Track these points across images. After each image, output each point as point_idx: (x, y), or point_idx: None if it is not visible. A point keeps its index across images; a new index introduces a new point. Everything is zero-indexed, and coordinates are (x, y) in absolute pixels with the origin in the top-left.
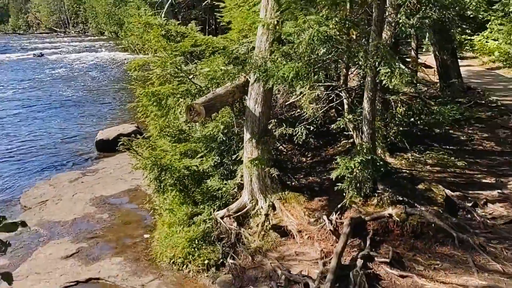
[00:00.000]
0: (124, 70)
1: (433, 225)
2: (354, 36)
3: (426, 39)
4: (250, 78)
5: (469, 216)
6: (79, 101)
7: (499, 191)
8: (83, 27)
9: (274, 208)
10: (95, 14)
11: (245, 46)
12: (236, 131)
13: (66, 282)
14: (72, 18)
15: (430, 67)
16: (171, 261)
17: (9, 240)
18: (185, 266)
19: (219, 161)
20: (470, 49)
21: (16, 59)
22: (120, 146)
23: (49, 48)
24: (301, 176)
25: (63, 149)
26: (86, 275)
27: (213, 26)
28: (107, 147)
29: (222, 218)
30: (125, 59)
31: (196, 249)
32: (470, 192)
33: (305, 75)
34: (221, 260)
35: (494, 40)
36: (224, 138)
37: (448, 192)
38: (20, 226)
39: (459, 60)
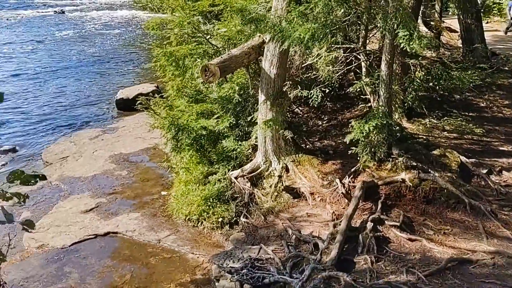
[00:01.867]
0: (143, 29)
1: (445, 190)
2: None
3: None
4: (266, 38)
5: (483, 183)
6: (100, 60)
7: None
8: None
9: (287, 170)
10: None
11: (263, 6)
12: (251, 93)
13: (85, 235)
14: None
15: (454, 31)
16: (187, 218)
17: (31, 194)
18: (200, 223)
19: (234, 122)
20: (498, 13)
21: (37, 15)
22: (138, 105)
23: (70, 5)
24: (316, 139)
25: (84, 107)
26: (104, 229)
27: None
28: (127, 106)
29: (236, 178)
30: (141, 19)
31: (210, 207)
32: (486, 159)
33: (321, 36)
34: (235, 218)
35: None
36: (239, 100)
37: (463, 158)
38: (39, 179)
39: (485, 25)
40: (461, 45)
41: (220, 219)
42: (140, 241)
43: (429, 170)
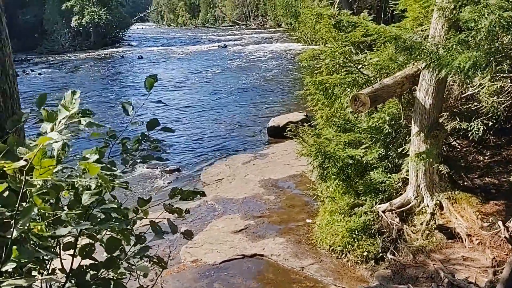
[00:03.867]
0: (296, 61)
1: None
2: None
3: None
4: (420, 67)
5: None
6: (255, 89)
7: None
8: (262, 20)
9: (441, 207)
10: (274, 6)
11: (419, 34)
12: (403, 123)
13: (234, 254)
14: (253, 11)
15: None
16: (331, 248)
17: (191, 212)
18: (344, 255)
19: (383, 153)
20: None
21: (204, 50)
22: (288, 132)
23: (232, 40)
24: (475, 176)
25: (239, 133)
26: (252, 251)
27: (389, 15)
28: (277, 133)
29: (384, 212)
30: (294, 52)
31: (355, 240)
32: None
33: (484, 65)
34: (381, 254)
35: None
36: (390, 130)
37: None
38: (199, 195)
39: None
40: None
41: (365, 253)
42: (284, 266)
43: None
